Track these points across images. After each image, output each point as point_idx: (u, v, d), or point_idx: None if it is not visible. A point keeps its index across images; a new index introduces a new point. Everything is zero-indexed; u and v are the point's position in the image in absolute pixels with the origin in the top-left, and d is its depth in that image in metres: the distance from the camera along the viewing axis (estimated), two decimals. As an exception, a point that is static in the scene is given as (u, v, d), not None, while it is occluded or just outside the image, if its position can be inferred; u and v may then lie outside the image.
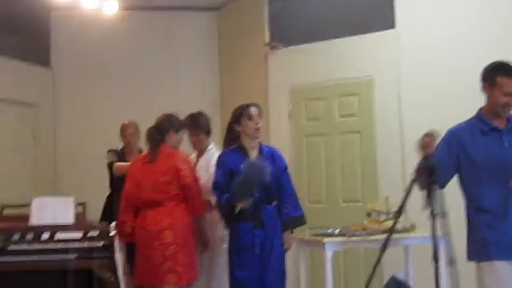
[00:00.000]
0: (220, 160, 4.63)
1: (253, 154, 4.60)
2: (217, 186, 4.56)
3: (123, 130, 6.00)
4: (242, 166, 4.40)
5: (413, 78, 6.03)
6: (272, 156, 4.65)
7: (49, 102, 7.38)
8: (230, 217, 4.51)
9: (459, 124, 3.72)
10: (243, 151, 4.60)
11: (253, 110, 4.59)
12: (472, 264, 3.51)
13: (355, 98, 6.32)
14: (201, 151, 5.16)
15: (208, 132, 5.17)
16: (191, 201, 4.75)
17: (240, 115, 4.60)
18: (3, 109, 6.76)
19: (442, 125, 5.76)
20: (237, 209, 4.42)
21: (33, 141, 7.19)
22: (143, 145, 6.01)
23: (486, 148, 3.52)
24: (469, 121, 3.69)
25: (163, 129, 4.85)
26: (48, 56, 7.45)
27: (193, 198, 4.74)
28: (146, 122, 6.79)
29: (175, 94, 7.20)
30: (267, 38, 6.90)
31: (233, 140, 4.66)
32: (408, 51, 6.06)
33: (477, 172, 3.49)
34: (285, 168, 4.71)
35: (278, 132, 6.63)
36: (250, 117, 4.56)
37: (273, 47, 6.82)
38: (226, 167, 4.54)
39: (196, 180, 4.79)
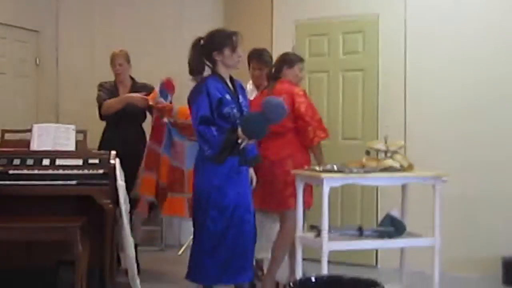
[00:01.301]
0: (205, 89, 4.24)
1: (229, 83, 4.38)
2: (204, 120, 4.19)
3: (113, 59, 5.93)
4: (261, 102, 4.33)
5: (420, 18, 5.95)
6: (242, 89, 4.52)
7: (53, 29, 7.32)
8: (230, 151, 4.19)
9: None
10: (222, 80, 4.35)
11: (238, 41, 4.33)
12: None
13: (360, 36, 6.24)
14: (261, 86, 5.31)
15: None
16: (303, 132, 4.92)
17: (224, 44, 4.30)
18: (6, 34, 6.70)
19: (448, 66, 5.81)
20: (243, 144, 4.21)
21: (36, 67, 7.16)
22: (134, 74, 6.01)
23: None
24: None
25: (278, 67, 5.12)
26: (52, -18, 7.37)
27: (304, 129, 4.90)
28: (149, 52, 6.83)
29: (178, 25, 7.13)
30: (273, -29, 6.80)
31: (201, 66, 4.37)
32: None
33: None
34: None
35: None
36: (234, 49, 4.31)
37: (279, -20, 6.71)
38: (215, 97, 4.22)
39: (309, 113, 4.91)
